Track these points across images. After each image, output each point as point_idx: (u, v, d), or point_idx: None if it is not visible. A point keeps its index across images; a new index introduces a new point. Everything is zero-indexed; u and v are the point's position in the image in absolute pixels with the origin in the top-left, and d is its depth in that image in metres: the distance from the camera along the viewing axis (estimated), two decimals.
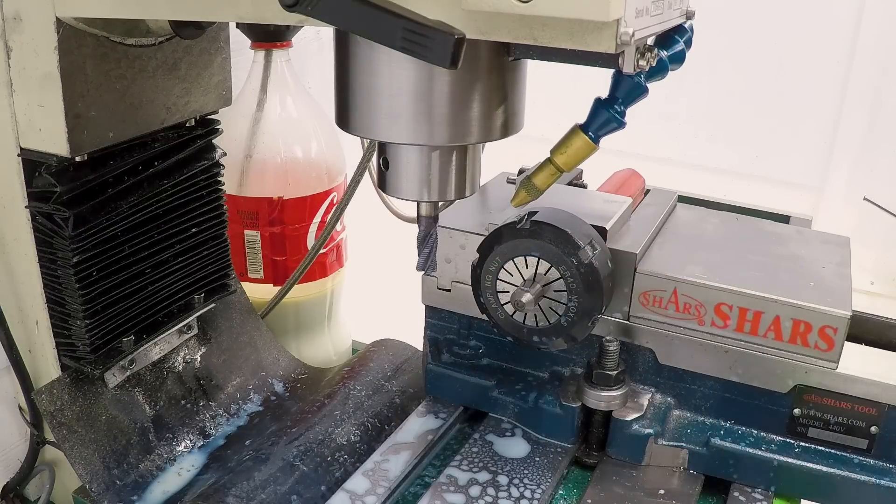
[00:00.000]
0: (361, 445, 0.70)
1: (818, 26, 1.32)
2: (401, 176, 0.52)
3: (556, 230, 0.53)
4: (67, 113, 0.55)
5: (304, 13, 0.40)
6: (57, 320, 0.64)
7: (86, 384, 0.66)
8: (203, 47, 0.66)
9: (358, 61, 0.47)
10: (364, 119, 0.48)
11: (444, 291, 0.66)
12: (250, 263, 0.89)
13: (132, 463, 0.67)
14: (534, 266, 0.54)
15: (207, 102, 0.69)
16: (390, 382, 0.77)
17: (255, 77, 0.87)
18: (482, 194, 0.69)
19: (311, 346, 0.95)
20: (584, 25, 0.38)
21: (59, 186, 0.58)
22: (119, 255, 0.64)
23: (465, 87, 0.46)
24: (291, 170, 0.87)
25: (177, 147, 0.67)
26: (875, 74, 1.29)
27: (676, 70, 0.52)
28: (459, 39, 0.37)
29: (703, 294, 0.59)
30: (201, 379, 0.75)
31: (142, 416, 0.69)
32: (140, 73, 0.61)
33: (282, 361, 0.82)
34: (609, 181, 0.71)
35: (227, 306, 0.79)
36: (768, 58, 1.35)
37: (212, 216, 0.72)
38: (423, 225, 0.56)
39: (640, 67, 0.43)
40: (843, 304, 0.56)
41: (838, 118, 1.34)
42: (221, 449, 0.72)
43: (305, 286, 0.91)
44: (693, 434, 0.62)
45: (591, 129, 0.53)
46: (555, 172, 0.55)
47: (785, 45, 1.33)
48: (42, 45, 0.54)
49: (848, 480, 0.57)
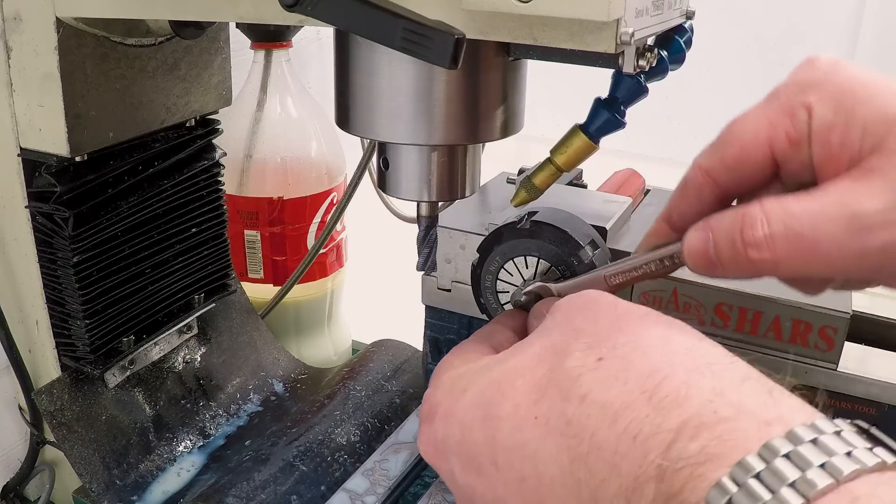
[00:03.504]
0: (361, 445, 0.70)
1: (818, 26, 1.32)
2: (401, 176, 0.52)
3: (556, 230, 0.52)
4: (67, 113, 0.55)
5: (304, 13, 0.40)
6: (57, 320, 0.64)
7: (86, 384, 0.66)
8: (203, 47, 0.66)
9: (358, 61, 0.47)
10: (364, 119, 0.48)
11: (444, 291, 0.66)
12: (250, 263, 0.89)
13: (132, 463, 0.67)
14: (534, 266, 0.54)
15: (207, 102, 0.69)
16: (390, 383, 0.77)
17: (255, 77, 0.87)
18: (482, 194, 0.69)
19: (311, 346, 0.95)
20: (584, 25, 0.38)
21: (59, 186, 0.58)
22: (119, 255, 0.64)
23: (464, 87, 0.46)
24: (291, 170, 0.87)
25: (177, 147, 0.67)
26: None
27: (676, 70, 0.52)
28: (459, 39, 0.37)
29: (703, 294, 0.59)
30: (201, 379, 0.75)
31: (142, 416, 0.69)
32: (140, 74, 0.61)
33: (282, 361, 0.82)
34: (609, 181, 0.71)
35: (227, 306, 0.79)
36: (768, 58, 1.35)
37: (212, 216, 0.72)
38: (423, 225, 0.56)
39: (640, 67, 0.43)
40: (843, 304, 0.56)
41: None
42: (221, 449, 0.72)
43: (305, 286, 0.91)
44: None
45: (591, 129, 0.53)
46: (555, 172, 0.55)
47: (785, 45, 1.33)
48: (42, 45, 0.54)
49: None
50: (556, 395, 0.32)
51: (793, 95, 0.38)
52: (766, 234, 0.36)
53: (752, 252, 0.36)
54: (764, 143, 0.38)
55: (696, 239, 0.39)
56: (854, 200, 0.34)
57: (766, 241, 0.36)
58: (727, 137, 0.40)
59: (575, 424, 0.31)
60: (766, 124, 0.38)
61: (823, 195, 0.35)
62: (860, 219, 0.34)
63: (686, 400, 0.30)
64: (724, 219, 0.38)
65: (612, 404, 0.31)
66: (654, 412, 0.30)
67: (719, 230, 0.38)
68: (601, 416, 0.31)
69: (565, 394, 0.32)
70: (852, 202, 0.34)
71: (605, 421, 0.30)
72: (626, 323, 0.34)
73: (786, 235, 0.35)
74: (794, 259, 0.36)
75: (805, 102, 0.37)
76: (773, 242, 0.36)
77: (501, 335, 0.45)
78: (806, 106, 0.37)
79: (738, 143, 0.39)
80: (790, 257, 0.36)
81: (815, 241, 0.35)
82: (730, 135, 0.40)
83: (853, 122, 0.35)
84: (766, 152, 0.38)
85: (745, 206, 0.37)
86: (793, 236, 0.35)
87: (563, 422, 0.32)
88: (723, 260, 0.38)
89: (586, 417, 0.31)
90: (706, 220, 0.39)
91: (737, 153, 0.39)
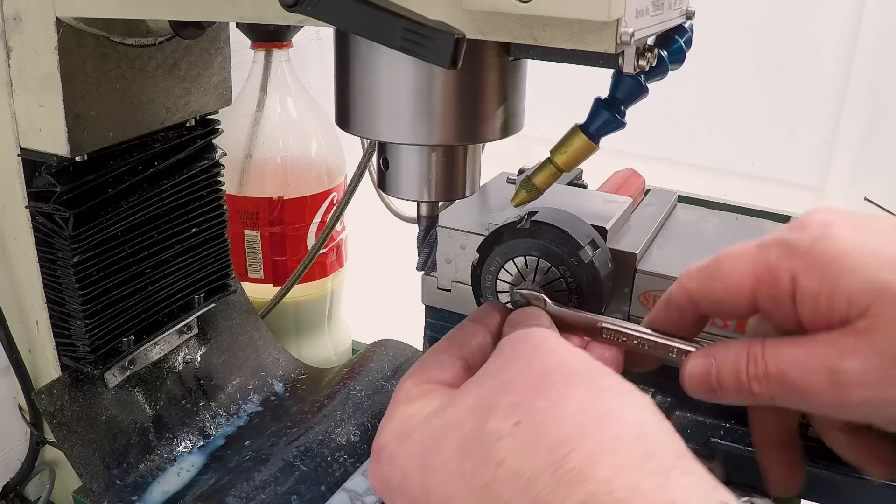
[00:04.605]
0: (361, 445, 0.69)
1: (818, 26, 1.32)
2: (401, 176, 0.52)
3: (556, 230, 0.52)
4: (67, 113, 0.55)
5: (305, 13, 0.40)
6: (57, 320, 0.64)
7: (86, 384, 0.66)
8: (203, 47, 0.66)
9: (358, 61, 0.47)
10: (364, 119, 0.48)
11: (444, 291, 0.66)
12: (250, 263, 0.90)
13: (132, 463, 0.67)
14: (534, 266, 0.54)
15: (207, 102, 0.69)
16: (390, 383, 0.77)
17: (255, 77, 0.87)
18: (482, 194, 0.69)
19: (311, 346, 0.95)
20: (584, 25, 0.38)
21: (59, 186, 0.58)
22: (119, 255, 0.64)
23: (464, 87, 0.46)
24: (291, 170, 0.87)
25: (177, 147, 0.67)
26: (875, 74, 1.29)
27: (676, 70, 0.52)
28: (459, 39, 0.37)
29: None
30: (201, 379, 0.75)
31: (142, 416, 0.69)
32: (140, 73, 0.61)
33: (282, 362, 0.82)
34: (609, 181, 0.71)
35: (227, 306, 0.79)
36: (768, 58, 1.35)
37: (212, 216, 0.72)
38: (423, 225, 0.56)
39: (640, 67, 0.43)
40: None
41: (838, 118, 1.34)
42: (221, 449, 0.72)
43: (305, 286, 0.91)
44: (693, 434, 0.62)
45: (591, 129, 0.53)
46: (555, 172, 0.55)
47: (785, 45, 1.33)
48: (42, 45, 0.54)
49: (848, 480, 0.57)
50: (477, 457, 0.34)
51: (779, 259, 0.40)
52: (763, 371, 0.39)
53: (755, 385, 0.40)
54: (748, 292, 0.41)
55: (698, 366, 0.43)
56: (837, 357, 0.37)
57: (764, 377, 0.39)
58: (715, 273, 0.43)
59: (492, 488, 0.33)
60: (752, 276, 0.41)
61: (812, 347, 0.38)
62: (841, 375, 0.37)
63: (587, 477, 0.31)
64: (728, 351, 0.42)
65: (523, 474, 0.33)
66: (559, 487, 0.31)
67: (724, 361, 0.41)
68: (514, 485, 0.33)
69: (485, 457, 0.34)
70: (835, 359, 0.37)
71: (517, 490, 0.32)
72: (551, 383, 0.36)
73: (778, 378, 0.39)
74: (786, 398, 0.39)
75: (790, 269, 0.40)
76: (768, 380, 0.39)
77: (475, 341, 0.47)
78: (791, 273, 0.40)
79: (724, 284, 0.42)
80: (783, 396, 0.39)
81: (802, 387, 0.38)
82: (718, 271, 0.43)
83: (838, 293, 0.38)
84: (749, 300, 0.41)
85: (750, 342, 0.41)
86: (784, 379, 0.39)
87: (482, 484, 0.34)
88: (724, 388, 0.41)
89: (502, 483, 0.33)
90: (709, 349, 0.43)
91: (721, 292, 0.42)
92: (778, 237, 0.41)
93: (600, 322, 0.48)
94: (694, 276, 0.44)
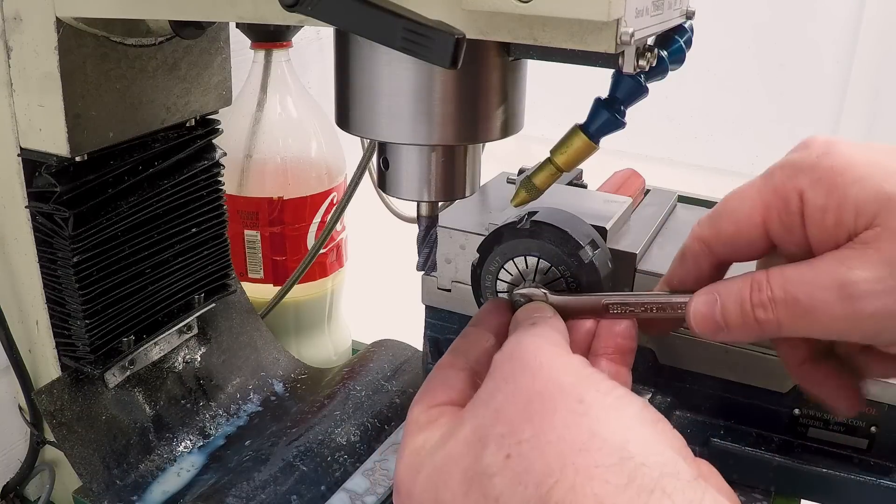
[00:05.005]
0: (361, 445, 0.69)
1: (818, 26, 1.32)
2: (401, 176, 0.52)
3: (556, 230, 0.52)
4: (67, 113, 0.55)
5: (305, 13, 0.40)
6: (57, 320, 0.64)
7: (86, 384, 0.66)
8: (203, 47, 0.66)
9: (358, 61, 0.47)
10: (364, 119, 0.48)
11: (444, 291, 0.66)
12: (250, 263, 0.90)
13: (132, 463, 0.67)
14: (534, 266, 0.54)
15: (207, 102, 0.69)
16: (390, 383, 0.77)
17: (255, 77, 0.87)
18: (482, 194, 0.69)
19: (311, 346, 0.95)
20: (584, 25, 0.38)
21: (59, 186, 0.58)
22: (119, 255, 0.64)
23: (465, 87, 0.46)
24: (291, 170, 0.87)
25: (177, 147, 0.67)
26: (875, 74, 1.29)
27: (676, 70, 0.52)
28: (459, 39, 0.37)
29: None
30: (201, 379, 0.75)
31: (142, 416, 0.69)
32: (140, 73, 0.61)
33: (282, 362, 0.82)
34: (609, 181, 0.71)
35: (227, 306, 0.79)
36: (769, 58, 1.35)
37: (212, 216, 0.72)
38: (423, 225, 0.56)
39: (640, 67, 0.43)
40: None
41: (838, 118, 1.34)
42: (221, 449, 0.72)
43: (305, 286, 0.91)
44: (693, 434, 0.62)
45: (592, 129, 0.53)
46: (555, 172, 0.55)
47: (785, 45, 1.33)
48: (42, 45, 0.54)
49: (848, 480, 0.57)
50: (479, 493, 0.36)
51: (786, 179, 0.40)
52: (769, 297, 0.39)
53: (759, 312, 0.39)
54: (759, 223, 0.41)
55: (703, 303, 0.42)
56: (845, 270, 0.37)
57: (770, 303, 0.39)
58: (723, 212, 0.43)
59: None
60: (760, 205, 0.41)
61: (819, 264, 0.38)
62: (850, 287, 0.37)
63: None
64: (732, 284, 0.41)
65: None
66: None
67: (728, 294, 0.41)
68: None
69: (484, 492, 0.36)
70: (844, 271, 0.37)
71: None
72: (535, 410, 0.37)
73: (785, 300, 0.38)
74: (793, 322, 0.39)
75: (797, 187, 0.39)
76: (775, 305, 0.39)
77: (479, 347, 0.47)
78: (798, 191, 0.39)
79: (734, 220, 0.42)
80: (790, 320, 0.39)
81: (811, 306, 0.38)
82: (726, 210, 0.43)
83: (846, 204, 0.38)
84: (760, 231, 0.41)
85: (754, 273, 0.40)
86: (791, 300, 0.38)
87: None
88: (729, 321, 0.41)
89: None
90: (712, 286, 0.42)
91: (732, 230, 0.42)
92: (782, 162, 0.41)
93: (604, 300, 0.48)
94: (704, 222, 0.44)
